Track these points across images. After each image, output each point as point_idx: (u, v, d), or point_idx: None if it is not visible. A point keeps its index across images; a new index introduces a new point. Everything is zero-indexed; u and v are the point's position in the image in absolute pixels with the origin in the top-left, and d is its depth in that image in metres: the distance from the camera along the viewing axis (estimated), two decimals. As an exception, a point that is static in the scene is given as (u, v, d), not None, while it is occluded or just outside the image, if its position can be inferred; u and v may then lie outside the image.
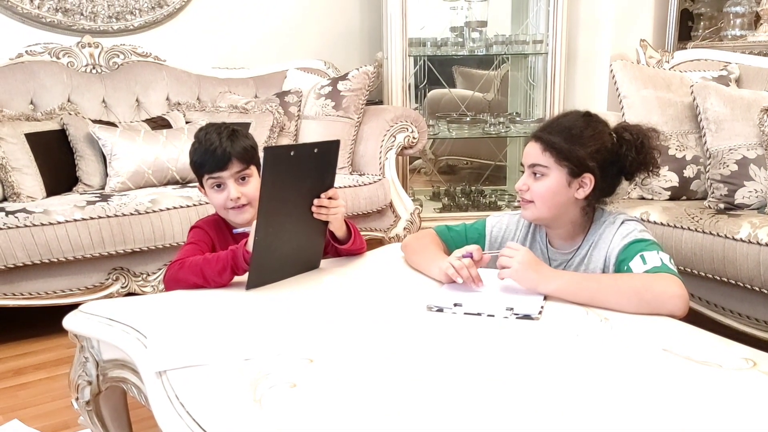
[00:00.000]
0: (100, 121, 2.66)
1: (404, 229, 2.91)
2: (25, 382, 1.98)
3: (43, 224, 2.13)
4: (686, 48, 3.00)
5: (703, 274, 1.98)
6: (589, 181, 1.36)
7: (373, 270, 1.55)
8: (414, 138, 2.93)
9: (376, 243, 2.55)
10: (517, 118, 3.54)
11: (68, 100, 2.73)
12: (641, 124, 1.44)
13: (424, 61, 3.51)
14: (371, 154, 2.90)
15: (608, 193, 1.43)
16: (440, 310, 1.24)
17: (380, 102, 3.33)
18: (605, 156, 1.37)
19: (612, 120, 1.46)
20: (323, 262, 1.54)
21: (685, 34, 3.36)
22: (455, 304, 1.25)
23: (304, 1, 3.47)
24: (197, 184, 1.60)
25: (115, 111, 2.83)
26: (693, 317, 1.21)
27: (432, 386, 0.96)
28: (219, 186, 1.52)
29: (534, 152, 1.39)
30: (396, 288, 1.45)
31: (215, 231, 1.57)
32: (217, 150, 1.49)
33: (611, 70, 2.49)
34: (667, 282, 1.22)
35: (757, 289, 1.84)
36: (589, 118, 1.40)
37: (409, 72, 3.31)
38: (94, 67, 2.86)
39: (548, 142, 1.37)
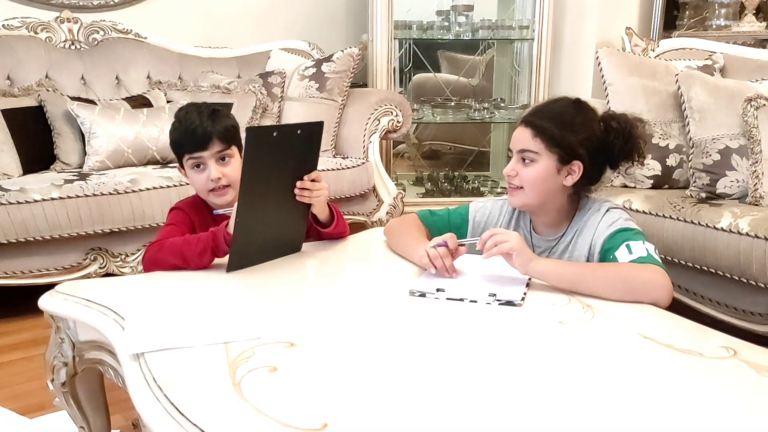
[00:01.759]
0: (78, 99, 2.60)
1: (387, 213, 2.90)
2: (-1, 362, 1.96)
3: (19, 202, 2.09)
4: (671, 37, 3.00)
5: (684, 263, 1.99)
6: (578, 168, 1.36)
7: (356, 254, 1.54)
8: (398, 122, 2.91)
9: (358, 227, 2.53)
10: (502, 104, 3.53)
11: (46, 77, 2.67)
12: (627, 113, 1.43)
13: (410, 44, 3.49)
14: (355, 137, 2.88)
15: (594, 181, 1.42)
16: (423, 295, 1.23)
17: (364, 85, 3.31)
18: (594, 144, 1.36)
19: (598, 108, 1.45)
20: (305, 246, 1.52)
21: (670, 23, 3.36)
22: (438, 290, 1.24)
23: (289, -20, 3.42)
24: (178, 164, 1.57)
25: (94, 88, 2.78)
26: (672, 305, 1.21)
27: (413, 370, 0.95)
28: (199, 166, 1.49)
29: (524, 137, 1.37)
30: (378, 272, 1.44)
31: (195, 212, 1.55)
32: (198, 129, 1.46)
33: (597, 57, 2.49)
34: (653, 272, 1.22)
35: (736, 278, 1.86)
36: (579, 105, 1.40)
37: (394, 55, 3.29)
38: (72, 43, 2.80)
39: (539, 127, 1.35)
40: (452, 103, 3.53)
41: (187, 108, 1.52)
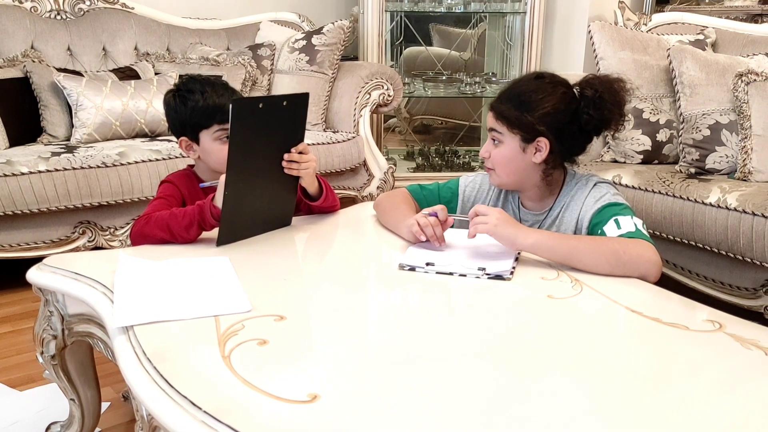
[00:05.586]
0: (65, 70, 2.57)
1: (377, 188, 2.89)
2: (-11, 335, 1.95)
3: (6, 175, 2.07)
4: (664, 11, 2.99)
5: (672, 238, 2.00)
6: (544, 145, 1.35)
7: (346, 228, 1.54)
8: (389, 96, 2.89)
9: (349, 202, 2.53)
10: (493, 78, 3.51)
11: (31, 47, 2.63)
12: (610, 74, 1.40)
13: (401, 17, 3.45)
14: (345, 111, 2.86)
15: (576, 153, 1.41)
16: (412, 269, 1.23)
17: (355, 58, 3.27)
18: (558, 118, 1.34)
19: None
20: (295, 220, 1.52)
21: (663, -3, 3.35)
22: (427, 263, 1.24)
23: (278, -50, 3.36)
24: (176, 140, 1.53)
25: (81, 60, 2.74)
26: (660, 280, 1.22)
27: (402, 343, 0.96)
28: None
29: (490, 120, 1.41)
30: (368, 246, 1.44)
31: (187, 186, 1.53)
32: (227, 102, 1.44)
33: (589, 31, 2.47)
34: (643, 247, 1.22)
35: (723, 252, 1.87)
36: (540, 80, 1.39)
37: (386, 28, 3.25)
38: (58, 13, 2.76)
39: (498, 110, 1.38)
40: (444, 77, 3.50)
41: (200, 80, 1.50)
